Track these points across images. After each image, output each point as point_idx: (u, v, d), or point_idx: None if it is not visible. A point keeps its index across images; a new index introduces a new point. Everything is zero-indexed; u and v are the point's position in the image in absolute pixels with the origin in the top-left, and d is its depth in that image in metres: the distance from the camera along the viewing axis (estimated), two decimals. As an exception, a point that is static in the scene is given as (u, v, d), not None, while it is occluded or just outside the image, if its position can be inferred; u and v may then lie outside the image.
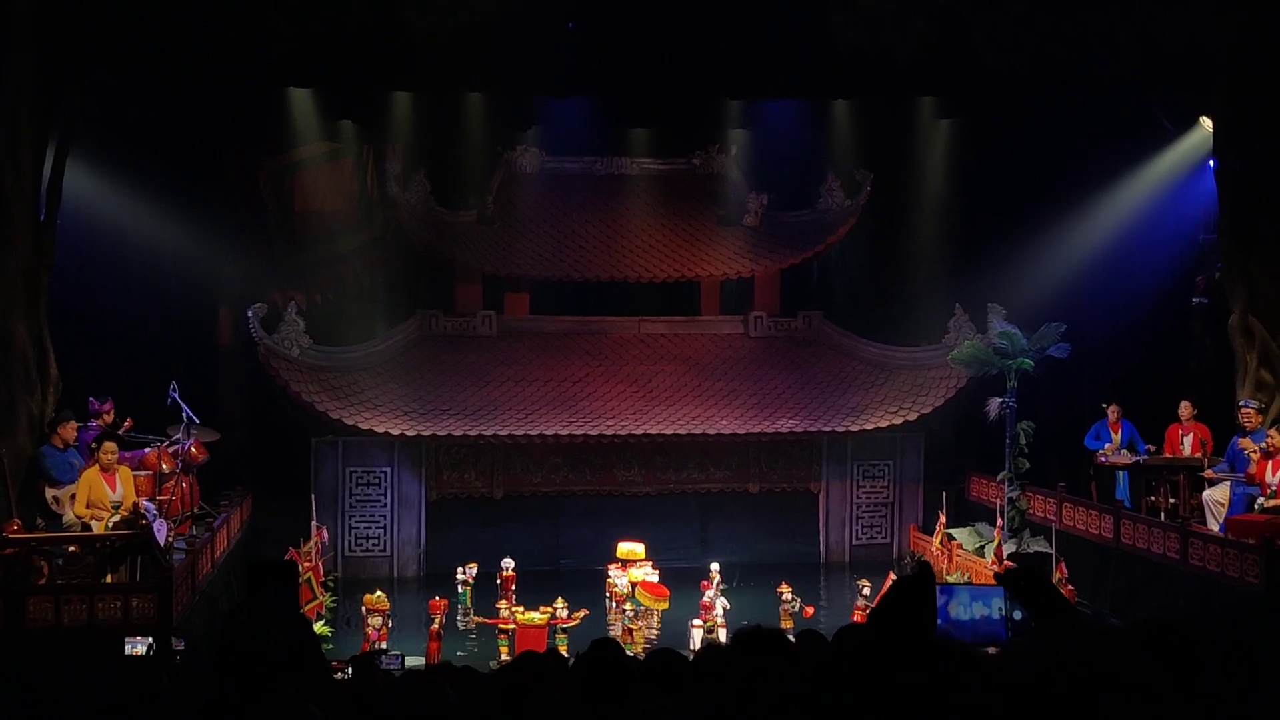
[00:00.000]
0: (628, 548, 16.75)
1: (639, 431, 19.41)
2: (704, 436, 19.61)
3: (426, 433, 18.88)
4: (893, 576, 13.85)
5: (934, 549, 17.98)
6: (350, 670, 7.22)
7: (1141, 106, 18.82)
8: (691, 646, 13.80)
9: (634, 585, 15.93)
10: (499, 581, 16.44)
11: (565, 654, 13.12)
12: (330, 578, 17.50)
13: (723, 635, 14.33)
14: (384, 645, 13.73)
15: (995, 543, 16.62)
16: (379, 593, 14.65)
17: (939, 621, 8.36)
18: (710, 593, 15.30)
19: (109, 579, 12.65)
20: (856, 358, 21.07)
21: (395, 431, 18.75)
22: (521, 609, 14.53)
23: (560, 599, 14.83)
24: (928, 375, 20.43)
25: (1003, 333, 17.57)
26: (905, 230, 21.77)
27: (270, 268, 20.59)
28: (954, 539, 17.72)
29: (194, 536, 14.68)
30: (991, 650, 8.99)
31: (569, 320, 21.16)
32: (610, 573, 16.27)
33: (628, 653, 5.06)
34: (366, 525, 19.60)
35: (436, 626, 14.12)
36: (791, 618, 14.91)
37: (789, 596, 15.14)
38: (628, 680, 4.02)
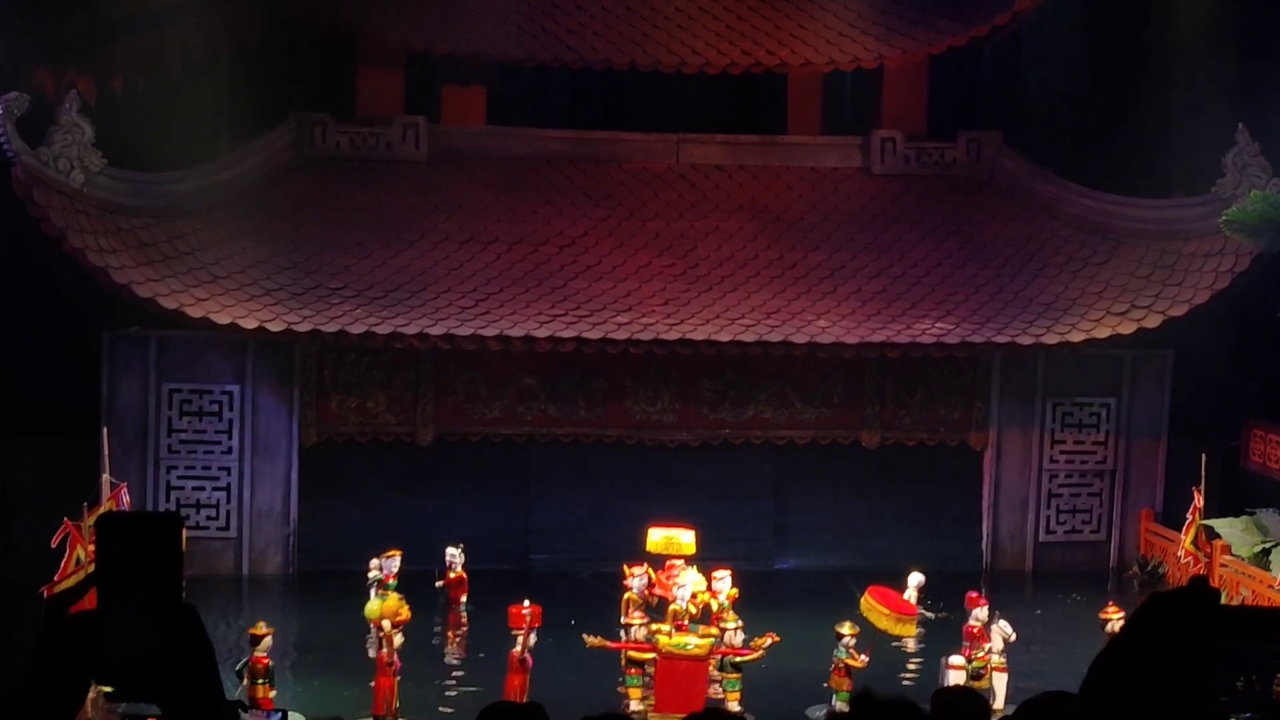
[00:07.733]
0: (667, 535, 13.82)
1: (672, 336, 16.35)
2: (786, 347, 16.46)
3: (303, 327, 15.99)
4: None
5: (1182, 553, 16.08)
6: None
7: None
8: None
9: (697, 602, 13.25)
10: (440, 585, 14.93)
11: (738, 706, 12.05)
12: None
13: (1000, 686, 12.52)
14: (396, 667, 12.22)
15: (1292, 547, 15.04)
16: (388, 596, 12.74)
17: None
18: (979, 612, 13.28)
19: None
20: (1058, 215, 17.94)
21: (249, 323, 15.90)
22: (667, 628, 12.64)
23: (731, 614, 12.89)
24: (1182, 250, 17.22)
25: (1318, 177, 15.41)
26: (1149, 5, 18.35)
27: (35, 33, 16.79)
28: (1217, 536, 16.00)
29: None
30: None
31: (554, 136, 18.03)
32: (632, 578, 13.61)
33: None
34: (196, 484, 16.85)
35: (519, 650, 12.40)
36: None
37: (1117, 617, 12.90)
38: None
